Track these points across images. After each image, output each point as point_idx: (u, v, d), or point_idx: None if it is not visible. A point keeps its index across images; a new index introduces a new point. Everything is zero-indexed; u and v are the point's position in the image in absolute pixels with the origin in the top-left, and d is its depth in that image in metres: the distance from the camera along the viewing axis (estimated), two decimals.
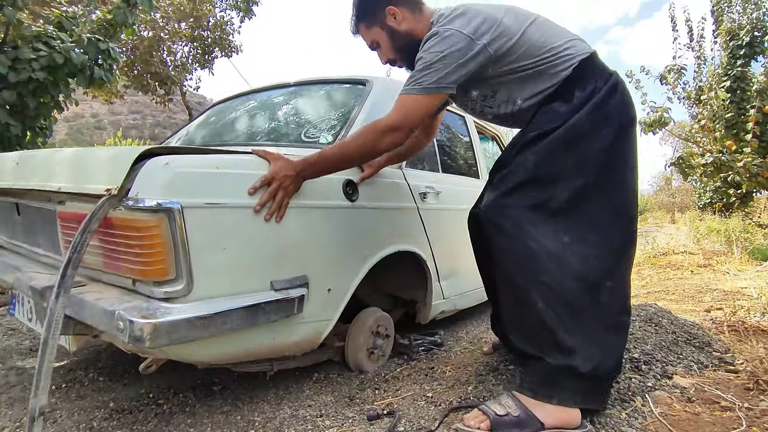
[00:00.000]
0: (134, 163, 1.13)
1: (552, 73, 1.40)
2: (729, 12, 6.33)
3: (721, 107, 5.80)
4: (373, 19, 1.57)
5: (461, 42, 1.34)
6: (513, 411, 1.25)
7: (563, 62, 1.39)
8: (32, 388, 1.03)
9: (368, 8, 1.57)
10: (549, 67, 1.40)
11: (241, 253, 1.28)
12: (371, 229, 1.72)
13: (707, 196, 10.48)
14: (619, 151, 1.36)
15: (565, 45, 1.41)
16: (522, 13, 1.47)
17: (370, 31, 1.60)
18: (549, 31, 1.44)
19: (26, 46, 3.71)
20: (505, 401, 1.28)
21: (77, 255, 1.09)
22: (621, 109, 1.37)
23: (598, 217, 1.32)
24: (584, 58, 1.40)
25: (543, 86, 1.41)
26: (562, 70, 1.39)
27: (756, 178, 5.14)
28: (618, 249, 1.34)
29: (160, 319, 1.07)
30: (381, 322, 1.89)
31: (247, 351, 1.37)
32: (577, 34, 1.49)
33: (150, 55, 10.63)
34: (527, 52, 1.40)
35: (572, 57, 1.40)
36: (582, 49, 1.42)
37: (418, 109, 1.39)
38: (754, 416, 1.29)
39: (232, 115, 2.37)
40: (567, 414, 1.23)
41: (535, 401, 1.25)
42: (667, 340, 1.86)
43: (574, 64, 1.38)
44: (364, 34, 1.62)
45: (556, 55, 1.39)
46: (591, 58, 1.42)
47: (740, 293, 3.21)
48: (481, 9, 1.41)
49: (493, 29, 1.37)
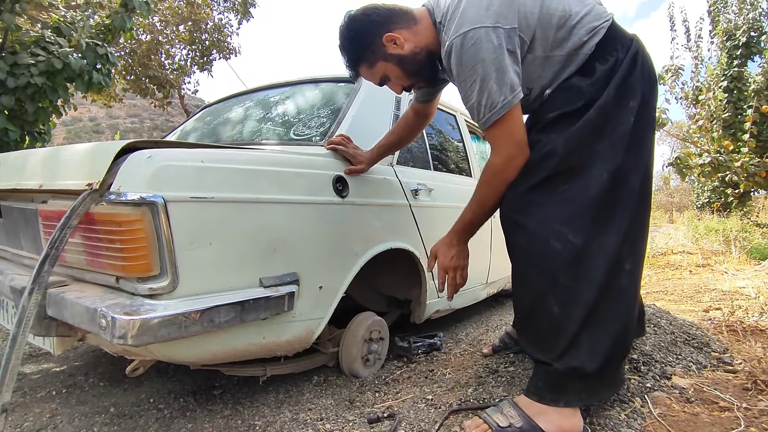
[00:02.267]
0: (116, 156, 1.11)
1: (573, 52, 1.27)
2: (725, 12, 6.35)
3: (719, 107, 5.82)
4: (373, 57, 1.40)
5: (491, 36, 1.18)
6: (516, 422, 1.21)
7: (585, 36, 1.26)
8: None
9: (364, 47, 1.39)
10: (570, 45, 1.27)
11: (228, 248, 1.26)
12: (362, 225, 1.72)
13: (705, 196, 10.52)
14: (641, 130, 1.25)
15: (583, 12, 1.27)
16: None
17: (374, 69, 1.43)
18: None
19: (25, 52, 3.72)
20: (507, 410, 1.25)
21: (55, 251, 1.07)
22: (643, 81, 1.26)
23: (627, 205, 1.22)
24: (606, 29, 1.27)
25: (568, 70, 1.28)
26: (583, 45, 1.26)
27: (753, 177, 5.16)
28: (640, 239, 1.28)
29: (143, 316, 1.04)
30: (374, 327, 1.89)
31: (237, 350, 1.35)
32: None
33: (148, 58, 10.63)
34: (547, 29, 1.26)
35: (594, 29, 1.26)
36: (601, 16, 1.29)
37: (511, 128, 1.24)
38: (752, 416, 1.29)
39: (224, 116, 2.38)
40: (570, 423, 1.20)
41: (538, 409, 1.21)
42: (666, 341, 1.87)
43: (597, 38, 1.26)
44: (368, 75, 1.46)
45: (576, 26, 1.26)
46: (612, 25, 1.28)
47: (738, 293, 3.22)
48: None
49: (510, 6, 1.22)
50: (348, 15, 1.41)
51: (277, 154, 1.56)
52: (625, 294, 1.22)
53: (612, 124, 1.22)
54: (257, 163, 1.39)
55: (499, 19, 1.19)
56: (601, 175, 1.20)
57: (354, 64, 1.44)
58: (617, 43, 1.27)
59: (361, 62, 1.43)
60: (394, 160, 1.99)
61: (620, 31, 1.31)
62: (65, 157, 1.30)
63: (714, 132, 5.83)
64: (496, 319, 2.95)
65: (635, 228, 1.25)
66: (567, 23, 1.26)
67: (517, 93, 1.21)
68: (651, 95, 1.29)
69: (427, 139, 2.34)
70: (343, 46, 1.42)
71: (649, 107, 1.29)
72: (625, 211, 1.23)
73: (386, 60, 1.39)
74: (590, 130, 1.22)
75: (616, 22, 1.31)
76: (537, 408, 1.21)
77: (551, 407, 1.20)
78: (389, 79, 1.45)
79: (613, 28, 1.29)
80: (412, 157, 2.19)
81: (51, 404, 1.60)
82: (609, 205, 1.21)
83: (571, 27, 1.27)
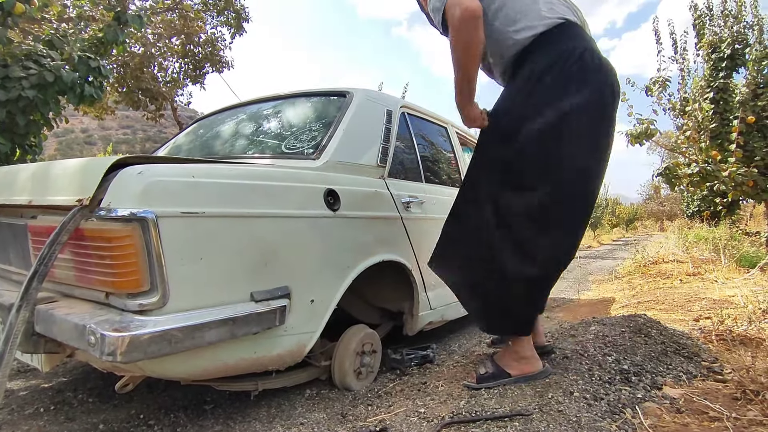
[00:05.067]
0: (107, 172, 1.11)
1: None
2: (711, 25, 6.48)
3: (706, 118, 5.90)
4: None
5: None
6: (490, 369, 1.68)
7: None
8: None
9: None
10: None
11: (219, 263, 1.26)
12: (354, 238, 1.73)
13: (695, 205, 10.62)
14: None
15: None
16: None
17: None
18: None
19: (16, 65, 3.71)
20: (486, 363, 1.72)
21: (44, 267, 1.07)
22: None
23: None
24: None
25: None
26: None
27: (741, 187, 5.23)
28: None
29: (133, 333, 1.04)
30: (366, 340, 1.89)
31: (228, 365, 1.34)
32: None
33: (141, 71, 10.64)
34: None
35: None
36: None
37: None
38: (741, 426, 1.30)
39: (215, 129, 2.39)
40: (529, 366, 1.64)
41: (505, 361, 1.66)
42: (656, 351, 1.88)
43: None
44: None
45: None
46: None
47: (728, 301, 3.24)
48: None
49: None
50: None
51: (268, 168, 1.56)
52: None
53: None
54: (248, 178, 1.39)
55: None
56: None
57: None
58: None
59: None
60: (385, 172, 2.01)
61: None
62: (55, 173, 1.30)
63: (702, 142, 5.90)
64: None
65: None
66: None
67: None
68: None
69: (419, 151, 2.36)
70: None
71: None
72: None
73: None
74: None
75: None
76: (505, 359, 1.67)
77: (514, 358, 1.65)
78: (423, 6, 1.82)
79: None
80: (404, 169, 2.21)
81: (39, 421, 1.58)
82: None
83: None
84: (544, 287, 1.67)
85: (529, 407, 1.42)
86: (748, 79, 5.52)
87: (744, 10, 6.17)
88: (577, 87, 1.51)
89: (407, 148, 2.29)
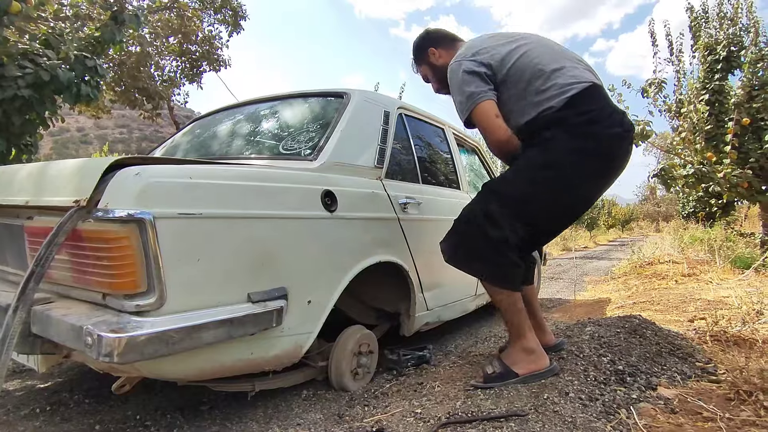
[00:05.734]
0: (104, 173, 1.11)
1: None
2: (706, 27, 6.53)
3: (701, 120, 5.94)
4: (420, 60, 2.06)
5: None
6: (497, 368, 1.68)
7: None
8: None
9: (417, 52, 2.06)
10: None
11: (216, 264, 1.26)
12: (351, 239, 1.73)
13: (690, 206, 10.70)
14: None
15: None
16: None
17: (420, 68, 2.08)
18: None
19: (12, 64, 3.69)
20: (493, 363, 1.72)
21: (41, 269, 1.07)
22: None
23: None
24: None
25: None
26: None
27: (736, 188, 5.27)
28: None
29: (130, 334, 1.04)
30: (363, 340, 1.89)
31: (225, 366, 1.34)
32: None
33: (137, 70, 10.59)
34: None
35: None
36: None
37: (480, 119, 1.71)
38: (734, 426, 1.32)
39: (213, 130, 2.39)
40: (536, 364, 1.66)
41: (513, 359, 1.68)
42: (651, 352, 1.89)
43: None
44: (419, 71, 2.10)
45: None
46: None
47: (722, 302, 3.27)
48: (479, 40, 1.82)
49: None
50: (424, 29, 2.12)
51: (265, 169, 1.57)
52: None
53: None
54: (246, 179, 1.40)
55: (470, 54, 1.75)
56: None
57: (413, 61, 2.11)
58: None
59: (416, 60, 2.09)
60: (382, 174, 2.01)
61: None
62: (52, 174, 1.30)
63: (697, 144, 5.94)
64: (485, 331, 2.96)
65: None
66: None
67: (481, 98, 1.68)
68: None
69: (416, 152, 2.37)
70: (413, 46, 2.09)
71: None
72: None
73: (427, 65, 2.04)
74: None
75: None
76: (512, 358, 1.68)
77: (522, 357, 1.67)
78: (428, 80, 2.07)
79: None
80: (401, 170, 2.21)
81: (35, 422, 1.57)
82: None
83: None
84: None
85: (525, 408, 1.43)
86: (743, 81, 5.56)
87: (740, 13, 6.21)
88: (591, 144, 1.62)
89: (404, 149, 2.29)
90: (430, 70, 2.02)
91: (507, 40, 1.78)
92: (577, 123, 1.60)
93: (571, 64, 1.71)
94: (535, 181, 1.63)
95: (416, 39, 2.08)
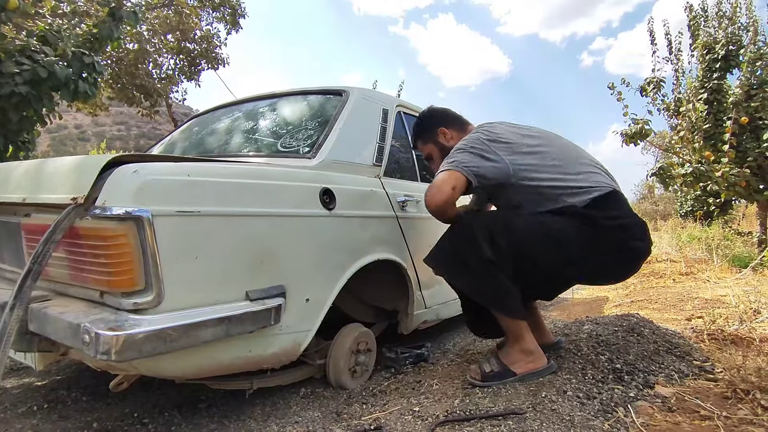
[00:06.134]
0: (102, 170, 1.11)
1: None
2: (705, 26, 6.52)
3: (700, 119, 5.94)
4: (427, 138, 1.96)
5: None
6: (495, 367, 1.67)
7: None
8: None
9: (425, 129, 1.97)
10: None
11: (214, 262, 1.26)
12: (349, 237, 1.73)
13: (688, 205, 10.70)
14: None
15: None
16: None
17: (425, 146, 1.98)
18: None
19: (9, 60, 3.68)
20: (491, 361, 1.70)
21: (38, 266, 1.06)
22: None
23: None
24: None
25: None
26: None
27: (734, 187, 5.27)
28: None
29: (128, 332, 1.04)
30: (361, 338, 1.89)
31: (223, 364, 1.34)
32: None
33: (135, 67, 10.56)
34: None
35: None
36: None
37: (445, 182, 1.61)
38: (732, 425, 1.32)
39: (211, 127, 2.38)
40: (534, 364, 1.66)
41: (511, 359, 1.66)
42: (648, 350, 1.90)
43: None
44: (421, 148, 2.01)
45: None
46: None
47: (720, 301, 3.27)
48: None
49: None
50: (428, 107, 2.05)
51: (264, 167, 1.56)
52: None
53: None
54: (244, 176, 1.39)
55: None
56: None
57: (416, 137, 2.02)
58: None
59: (420, 137, 1.99)
60: (381, 172, 2.01)
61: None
62: (50, 171, 1.29)
63: (695, 143, 5.94)
64: None
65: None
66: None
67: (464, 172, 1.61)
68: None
69: (414, 151, 2.36)
70: (416, 122, 2.03)
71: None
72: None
73: (434, 144, 1.94)
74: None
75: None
76: (510, 358, 1.67)
77: (520, 357, 1.66)
78: (432, 159, 1.98)
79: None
80: (400, 168, 2.21)
81: (32, 420, 1.57)
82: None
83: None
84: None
85: (523, 406, 1.43)
86: (742, 80, 5.55)
87: (739, 12, 6.21)
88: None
89: (403, 147, 2.29)
90: (437, 150, 1.93)
91: (528, 133, 1.76)
92: (608, 227, 1.59)
93: (594, 169, 1.72)
94: (541, 232, 1.60)
95: (423, 116, 2.01)
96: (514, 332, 1.70)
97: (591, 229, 1.59)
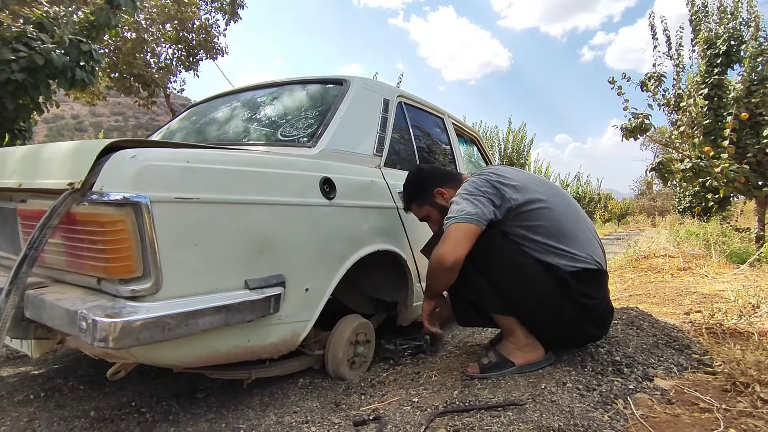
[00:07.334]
0: (99, 156, 1.09)
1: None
2: (706, 21, 6.49)
3: (700, 114, 5.92)
4: (423, 200, 1.88)
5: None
6: (493, 359, 1.69)
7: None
8: None
9: (419, 192, 1.89)
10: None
11: (213, 250, 1.24)
12: (349, 228, 1.72)
13: (687, 201, 10.73)
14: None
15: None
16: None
17: (421, 209, 1.91)
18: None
19: (5, 47, 3.63)
20: (489, 354, 1.72)
21: (34, 252, 1.05)
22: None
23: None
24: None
25: None
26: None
27: (733, 183, 5.26)
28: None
29: (126, 319, 1.02)
30: (360, 329, 1.88)
31: (221, 353, 1.33)
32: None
33: (133, 56, 10.46)
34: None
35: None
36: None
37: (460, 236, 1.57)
38: (731, 417, 1.32)
39: (210, 116, 2.36)
40: (532, 354, 1.67)
41: (508, 350, 1.68)
42: (648, 343, 1.90)
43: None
44: (416, 211, 1.93)
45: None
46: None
47: (718, 296, 3.28)
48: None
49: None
50: (417, 166, 1.99)
51: (263, 155, 1.55)
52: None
53: None
54: (244, 164, 1.38)
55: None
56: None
57: (409, 200, 1.91)
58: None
59: (415, 200, 1.90)
60: (381, 162, 1.99)
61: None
62: (46, 156, 1.28)
63: (695, 138, 5.93)
64: None
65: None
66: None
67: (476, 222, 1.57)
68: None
69: (415, 141, 2.35)
70: (407, 185, 1.91)
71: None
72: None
73: (432, 206, 1.87)
74: None
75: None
76: (507, 349, 1.68)
77: (516, 349, 1.67)
78: (429, 219, 1.92)
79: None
80: (400, 159, 2.19)
81: (29, 408, 1.56)
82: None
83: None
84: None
85: (522, 397, 1.42)
86: (743, 76, 5.53)
87: (740, 7, 6.18)
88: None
89: (404, 137, 2.27)
90: (436, 211, 1.86)
91: (536, 180, 1.75)
92: (577, 302, 1.60)
93: (593, 237, 1.73)
94: (517, 262, 1.62)
95: (414, 179, 1.91)
96: (505, 327, 1.71)
97: (562, 292, 1.59)
